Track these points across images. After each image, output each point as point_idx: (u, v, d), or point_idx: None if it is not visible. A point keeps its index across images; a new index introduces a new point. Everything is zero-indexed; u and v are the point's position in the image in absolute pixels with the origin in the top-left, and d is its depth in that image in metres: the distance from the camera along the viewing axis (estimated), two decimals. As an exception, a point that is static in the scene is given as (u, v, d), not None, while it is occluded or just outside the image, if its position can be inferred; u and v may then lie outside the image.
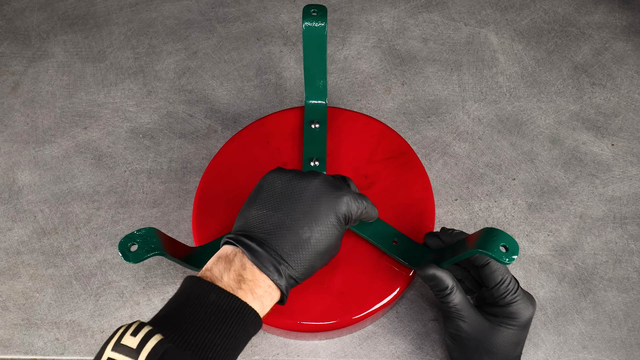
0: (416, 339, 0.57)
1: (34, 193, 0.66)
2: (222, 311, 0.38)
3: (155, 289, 0.60)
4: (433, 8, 0.79)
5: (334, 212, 0.44)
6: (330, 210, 0.44)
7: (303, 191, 0.44)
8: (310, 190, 0.44)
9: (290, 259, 0.42)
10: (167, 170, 0.67)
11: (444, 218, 0.63)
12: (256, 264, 0.41)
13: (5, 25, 0.79)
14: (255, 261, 0.41)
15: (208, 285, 0.39)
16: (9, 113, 0.71)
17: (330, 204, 0.44)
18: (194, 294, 0.39)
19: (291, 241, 0.42)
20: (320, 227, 0.43)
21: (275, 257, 0.41)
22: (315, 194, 0.44)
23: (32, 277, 0.61)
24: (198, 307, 0.38)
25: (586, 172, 0.66)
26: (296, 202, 0.44)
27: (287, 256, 0.42)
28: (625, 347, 0.57)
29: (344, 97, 0.71)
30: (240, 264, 0.41)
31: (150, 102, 0.72)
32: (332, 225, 0.44)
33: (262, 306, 0.41)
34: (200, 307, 0.38)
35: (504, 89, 0.72)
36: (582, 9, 0.78)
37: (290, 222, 0.43)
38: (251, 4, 0.80)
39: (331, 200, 0.44)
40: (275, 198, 0.44)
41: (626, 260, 0.61)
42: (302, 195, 0.44)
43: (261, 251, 0.41)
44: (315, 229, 0.43)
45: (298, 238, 0.42)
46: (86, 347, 0.57)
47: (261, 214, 0.44)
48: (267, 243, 0.42)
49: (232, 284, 0.40)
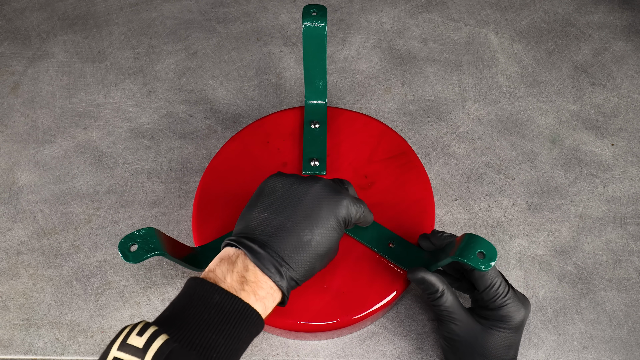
0: (416, 339, 0.57)
1: (34, 193, 0.66)
2: (225, 312, 0.38)
3: (155, 289, 0.60)
4: (433, 8, 0.79)
5: (334, 216, 0.45)
6: (331, 214, 0.44)
7: (304, 195, 0.45)
8: (311, 194, 0.45)
9: (292, 261, 0.42)
10: (167, 170, 0.67)
11: (444, 218, 0.63)
12: (258, 265, 0.41)
13: (5, 25, 0.79)
14: (258, 263, 0.41)
15: (212, 287, 0.39)
16: (9, 113, 0.71)
17: (331, 207, 0.45)
18: (197, 295, 0.39)
19: (292, 243, 0.43)
20: (321, 230, 0.44)
21: (276, 259, 0.42)
22: (316, 198, 0.45)
23: (32, 277, 0.61)
24: (202, 308, 0.38)
25: (586, 172, 0.66)
26: (297, 205, 0.44)
27: (288, 258, 0.42)
28: (625, 347, 0.57)
29: (344, 97, 0.71)
30: (243, 265, 0.41)
31: (150, 102, 0.72)
32: (332, 228, 0.44)
33: (264, 307, 0.41)
34: (204, 308, 0.38)
35: (504, 89, 0.72)
36: (582, 9, 0.78)
37: (291, 225, 0.43)
38: (251, 4, 0.80)
39: (331, 203, 0.45)
40: (277, 201, 0.45)
41: (626, 260, 0.61)
42: (303, 198, 0.44)
43: (263, 253, 0.41)
44: (316, 231, 0.43)
45: (299, 240, 0.43)
46: (86, 347, 0.57)
47: (262, 217, 0.44)
48: (269, 245, 0.42)
49: (235, 285, 0.40)
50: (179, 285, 0.59)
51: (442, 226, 0.63)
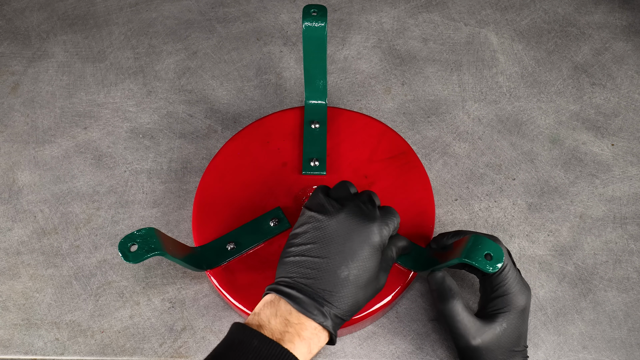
0: (416, 339, 0.57)
1: (34, 193, 0.66)
2: (262, 357, 0.40)
3: (155, 289, 0.60)
4: (433, 8, 0.79)
5: (367, 245, 0.45)
6: (364, 244, 0.45)
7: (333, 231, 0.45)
8: (340, 229, 0.45)
9: (333, 299, 0.43)
10: (167, 170, 0.67)
11: (444, 218, 0.63)
12: (299, 309, 0.42)
13: (5, 25, 0.79)
14: (298, 307, 0.42)
15: (251, 332, 0.41)
16: (9, 113, 0.71)
17: (361, 238, 0.45)
18: (237, 340, 0.41)
19: (330, 282, 0.43)
20: (357, 263, 0.44)
21: (317, 299, 0.43)
22: (345, 232, 0.45)
23: (32, 277, 0.61)
24: (240, 353, 0.40)
25: (586, 172, 0.66)
26: (328, 243, 0.45)
27: (329, 297, 0.43)
28: (625, 347, 0.57)
29: (344, 97, 0.71)
30: (286, 308, 0.42)
31: (150, 102, 0.72)
32: (367, 259, 0.45)
33: (309, 348, 0.42)
34: (242, 353, 0.40)
35: (504, 89, 0.72)
36: (582, 9, 0.78)
37: (326, 264, 0.44)
38: (251, 4, 0.80)
39: (362, 234, 0.45)
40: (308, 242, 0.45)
41: (626, 260, 0.61)
42: (333, 235, 0.45)
43: (302, 297, 0.42)
44: (351, 265, 0.44)
45: (336, 277, 0.43)
46: (86, 347, 0.57)
47: (296, 260, 0.45)
48: (308, 287, 0.43)
49: (279, 327, 0.41)
50: (179, 285, 0.59)
51: (442, 226, 0.63)
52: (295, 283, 0.44)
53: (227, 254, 0.56)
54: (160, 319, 0.58)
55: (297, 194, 0.59)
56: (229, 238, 0.56)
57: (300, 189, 0.59)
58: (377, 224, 0.46)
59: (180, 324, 0.58)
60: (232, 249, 0.56)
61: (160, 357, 0.56)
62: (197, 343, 0.57)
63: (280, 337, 0.41)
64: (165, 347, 0.57)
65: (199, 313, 0.58)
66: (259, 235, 0.56)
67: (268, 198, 0.59)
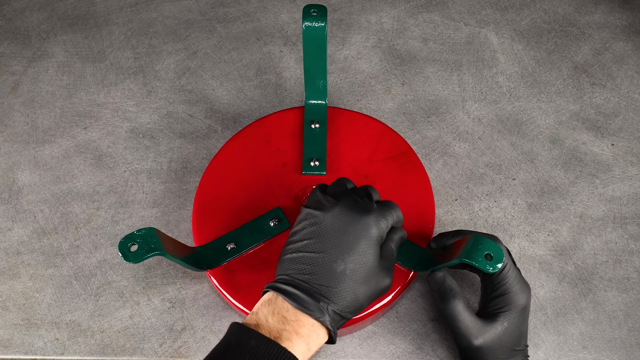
0: (416, 339, 0.57)
1: (34, 193, 0.66)
2: (260, 356, 0.39)
3: (155, 289, 0.60)
4: (433, 8, 0.79)
5: (363, 238, 0.44)
6: (360, 237, 0.44)
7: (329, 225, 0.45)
8: (335, 223, 0.45)
9: (330, 294, 0.42)
10: (167, 170, 0.67)
11: (444, 218, 0.63)
12: (296, 306, 0.42)
13: (5, 25, 0.79)
14: (295, 304, 0.42)
15: (249, 332, 0.40)
16: (9, 113, 0.71)
17: (357, 231, 0.44)
18: (235, 340, 0.41)
19: (327, 277, 0.43)
20: (353, 257, 0.43)
21: (314, 295, 0.42)
22: (341, 225, 0.44)
23: (32, 277, 0.61)
24: (238, 353, 0.40)
25: (586, 172, 0.66)
26: (325, 238, 0.44)
27: (326, 292, 0.42)
28: (625, 347, 0.57)
29: (344, 97, 0.71)
30: (283, 305, 0.42)
31: (150, 102, 0.72)
32: (364, 252, 0.44)
33: (307, 346, 0.42)
34: (239, 353, 0.40)
35: (504, 89, 0.72)
36: (582, 9, 0.78)
37: (322, 259, 0.43)
38: (251, 4, 0.80)
39: (357, 227, 0.44)
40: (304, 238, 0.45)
41: (626, 260, 0.61)
42: (329, 229, 0.44)
43: (298, 293, 0.42)
44: (348, 259, 0.43)
45: (332, 272, 0.43)
46: (86, 347, 0.57)
47: (294, 257, 0.45)
48: (305, 283, 0.43)
49: (276, 325, 0.41)
50: (179, 285, 0.59)
51: (442, 226, 0.63)
52: (293, 280, 0.43)
53: (227, 254, 0.56)
54: (160, 319, 0.58)
55: (297, 194, 0.59)
56: (229, 238, 0.56)
57: (300, 189, 0.59)
58: (374, 216, 0.45)
59: (180, 324, 0.58)
60: (232, 249, 0.56)
61: (160, 357, 0.56)
62: (197, 343, 0.57)
63: (278, 336, 0.41)
64: (165, 347, 0.57)
65: (199, 313, 0.58)
66: (259, 235, 0.56)
67: (268, 198, 0.59)
